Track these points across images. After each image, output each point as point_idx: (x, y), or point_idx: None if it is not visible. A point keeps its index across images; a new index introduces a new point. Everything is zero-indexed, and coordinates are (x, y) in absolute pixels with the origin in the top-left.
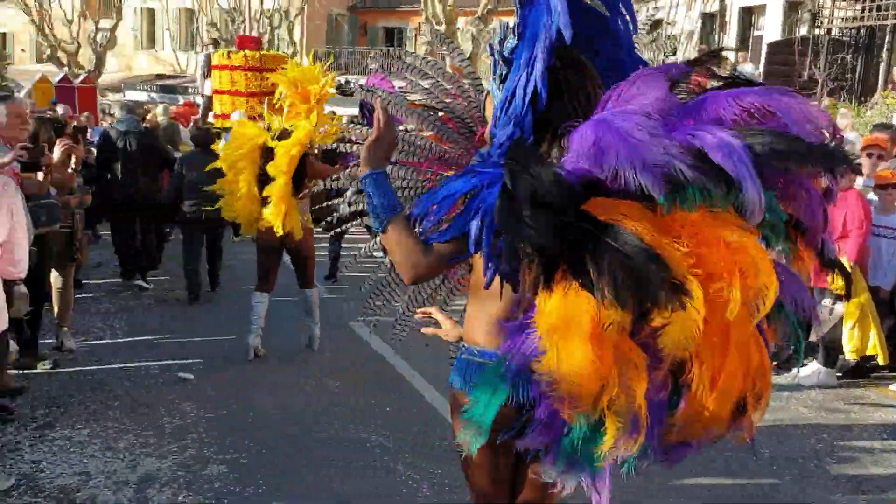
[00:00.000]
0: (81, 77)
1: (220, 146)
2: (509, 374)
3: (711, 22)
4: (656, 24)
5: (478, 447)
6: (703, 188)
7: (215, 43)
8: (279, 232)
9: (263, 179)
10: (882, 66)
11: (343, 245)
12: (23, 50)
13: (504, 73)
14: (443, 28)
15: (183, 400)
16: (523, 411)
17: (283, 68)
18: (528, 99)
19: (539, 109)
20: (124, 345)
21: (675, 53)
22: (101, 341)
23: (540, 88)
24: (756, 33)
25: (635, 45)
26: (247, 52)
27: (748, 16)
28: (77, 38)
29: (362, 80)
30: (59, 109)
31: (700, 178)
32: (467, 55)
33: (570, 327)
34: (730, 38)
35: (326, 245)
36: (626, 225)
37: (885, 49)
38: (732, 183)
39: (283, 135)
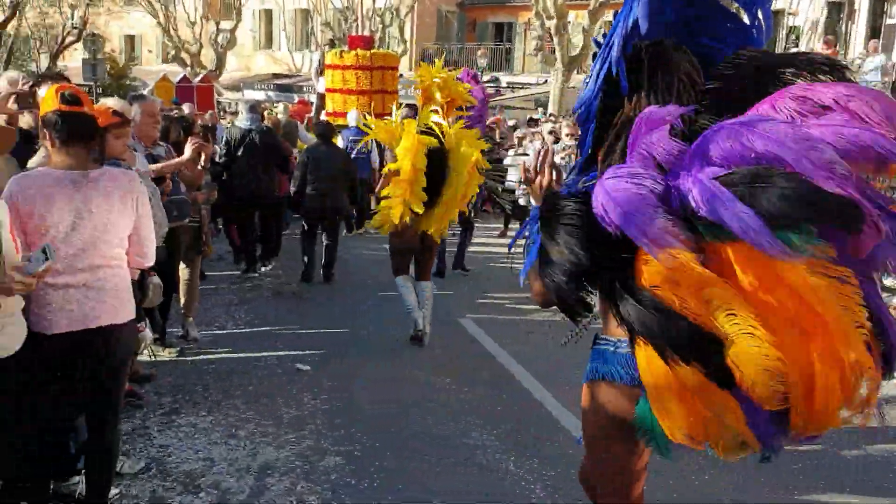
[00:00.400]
0: (201, 76)
1: (338, 141)
2: None
3: (838, 10)
4: (776, 15)
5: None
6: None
7: (331, 43)
8: (435, 235)
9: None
10: None
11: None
12: (149, 51)
13: None
14: (553, 22)
15: (300, 391)
16: None
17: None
18: (598, 83)
19: (621, 92)
20: (244, 335)
21: (797, 45)
22: (223, 331)
23: (615, 72)
24: (889, 21)
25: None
26: (358, 51)
27: (879, 2)
28: (199, 38)
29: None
30: (185, 108)
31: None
32: (578, 50)
33: (662, 385)
34: (859, 28)
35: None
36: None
37: None
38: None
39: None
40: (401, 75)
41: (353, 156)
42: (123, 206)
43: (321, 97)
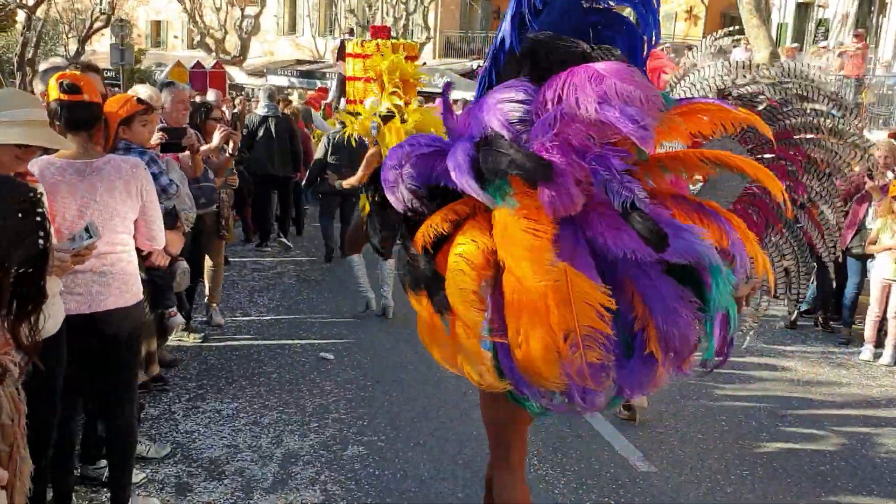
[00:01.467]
0: (213, 63)
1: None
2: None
3: (869, 3)
4: (805, 8)
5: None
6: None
7: (351, 32)
8: None
9: None
10: None
11: None
12: (175, 37)
13: None
14: None
15: (324, 379)
16: None
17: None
18: (496, 44)
19: (511, 51)
20: (268, 322)
21: (826, 38)
22: (247, 318)
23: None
24: None
25: None
26: (379, 41)
27: None
28: (224, 24)
29: None
30: (211, 95)
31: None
32: None
33: (422, 319)
34: (890, 21)
35: None
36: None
37: None
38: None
39: (388, 117)
40: (423, 63)
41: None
42: (128, 194)
43: (342, 83)
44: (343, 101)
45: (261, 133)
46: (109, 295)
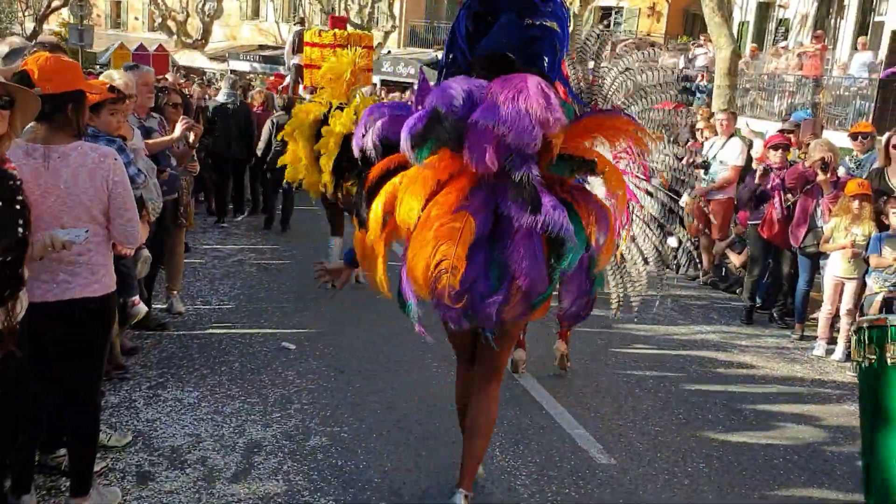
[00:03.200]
0: (156, 46)
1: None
2: None
3: (828, 5)
4: (766, 7)
5: None
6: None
7: (301, 22)
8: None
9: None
10: None
11: None
12: (136, 18)
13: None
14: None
15: (286, 369)
16: None
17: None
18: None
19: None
20: (229, 310)
21: (786, 38)
22: (208, 306)
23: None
24: (877, 18)
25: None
26: (336, 31)
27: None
28: (186, 7)
29: None
30: (169, 77)
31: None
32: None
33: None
34: (847, 24)
35: None
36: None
37: None
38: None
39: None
40: (388, 52)
41: None
42: (92, 183)
43: (298, 71)
44: (301, 87)
45: (220, 119)
46: (76, 284)
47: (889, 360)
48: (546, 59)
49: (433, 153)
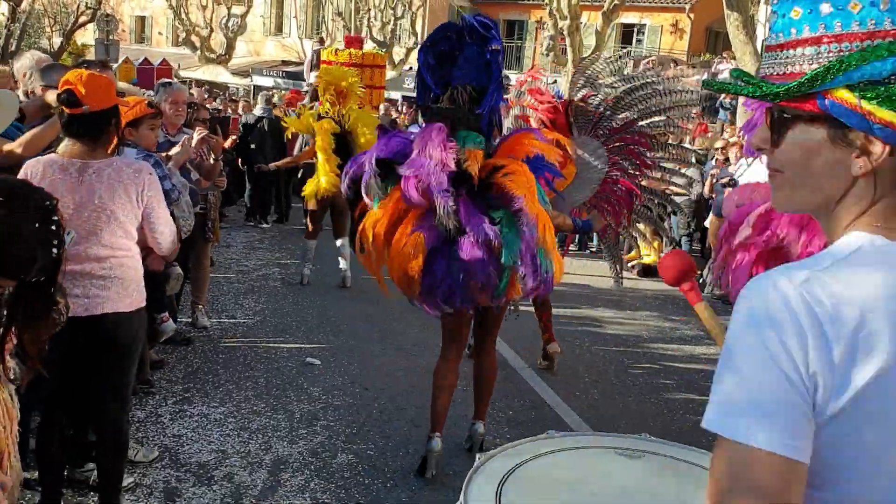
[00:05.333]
0: (160, 60)
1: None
2: None
3: None
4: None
5: None
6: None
7: (321, 41)
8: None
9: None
10: None
11: None
12: (160, 33)
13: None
14: (566, 23)
15: (311, 385)
16: None
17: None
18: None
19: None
20: (253, 325)
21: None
22: (232, 320)
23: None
24: None
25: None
26: (351, 50)
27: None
28: (210, 23)
29: None
30: (195, 93)
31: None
32: (590, 51)
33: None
34: None
35: None
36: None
37: None
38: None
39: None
40: (410, 68)
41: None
42: (128, 198)
43: (314, 88)
44: (317, 105)
45: (255, 131)
46: (107, 299)
47: None
48: (494, 73)
49: (383, 197)
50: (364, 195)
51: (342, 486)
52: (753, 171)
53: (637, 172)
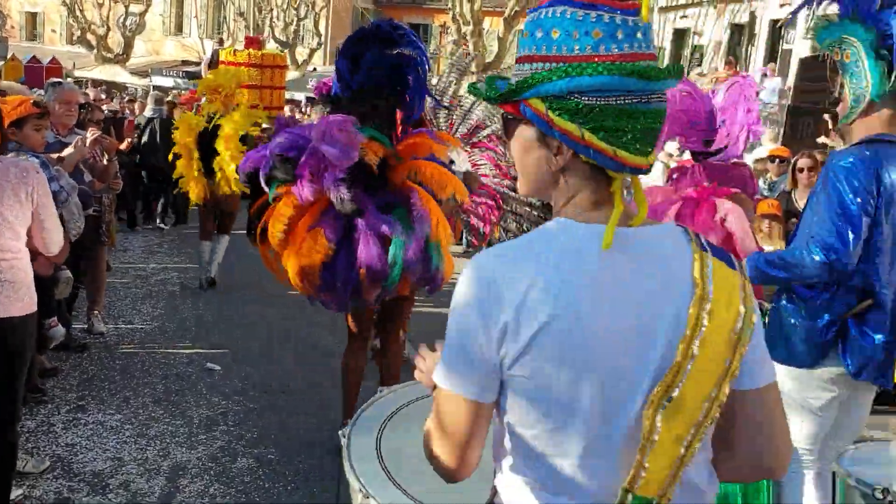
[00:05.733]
0: (50, 58)
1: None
2: None
3: (740, 33)
4: (682, 34)
5: None
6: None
7: (221, 41)
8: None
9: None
10: None
11: None
12: (53, 30)
13: None
14: (470, 28)
15: (210, 390)
16: None
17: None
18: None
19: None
20: (152, 330)
21: (700, 64)
22: (130, 326)
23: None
24: (786, 46)
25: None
26: (251, 50)
27: (777, 28)
28: (107, 21)
29: None
30: (90, 94)
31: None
32: (493, 56)
33: None
34: (758, 51)
35: None
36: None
37: None
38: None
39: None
40: (314, 69)
41: None
42: (16, 198)
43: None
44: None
45: (147, 132)
46: None
47: None
48: (410, 78)
49: (280, 186)
50: (265, 187)
51: (242, 491)
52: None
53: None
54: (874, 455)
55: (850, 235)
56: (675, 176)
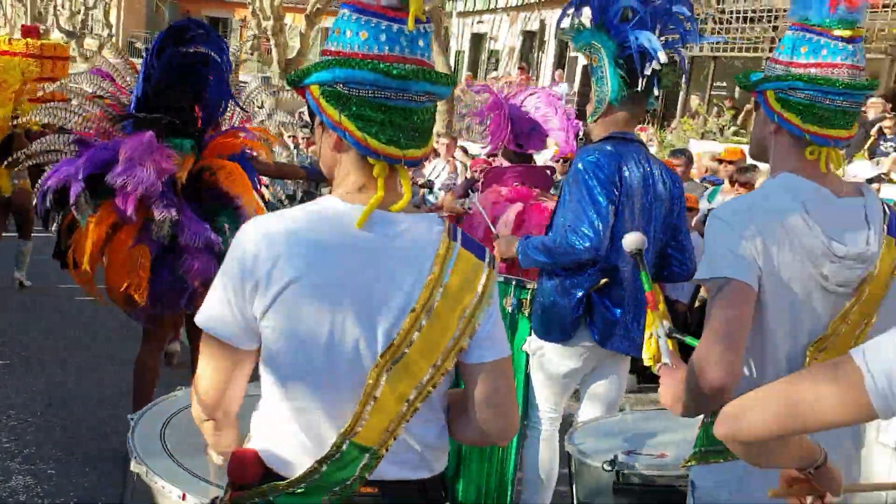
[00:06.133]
0: None
1: None
2: None
3: (531, 40)
4: (479, 39)
5: None
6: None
7: None
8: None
9: None
10: (681, 94)
11: None
12: None
13: None
14: (270, 23)
15: None
16: None
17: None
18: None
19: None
20: None
21: (496, 69)
22: None
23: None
24: (572, 54)
25: None
26: (28, 40)
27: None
28: None
29: None
30: None
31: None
32: (295, 52)
33: None
34: (548, 57)
35: None
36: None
37: (682, 78)
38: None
39: None
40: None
41: None
42: None
43: None
44: None
45: None
46: None
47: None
48: (212, 77)
49: (94, 214)
50: (74, 211)
51: None
52: (446, 175)
53: None
54: (599, 428)
55: (602, 223)
56: (486, 176)
